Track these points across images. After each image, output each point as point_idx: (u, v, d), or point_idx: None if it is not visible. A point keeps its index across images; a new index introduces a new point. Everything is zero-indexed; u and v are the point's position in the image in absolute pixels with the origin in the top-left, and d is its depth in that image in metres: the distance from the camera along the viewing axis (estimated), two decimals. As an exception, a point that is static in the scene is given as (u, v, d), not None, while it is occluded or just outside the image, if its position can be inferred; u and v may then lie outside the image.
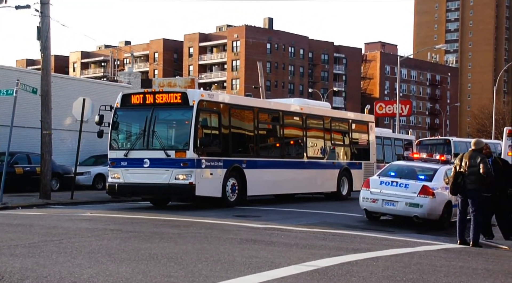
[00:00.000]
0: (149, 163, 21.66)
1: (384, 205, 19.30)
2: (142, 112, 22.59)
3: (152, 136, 22.06)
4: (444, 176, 19.08)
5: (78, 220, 18.78)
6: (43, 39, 25.97)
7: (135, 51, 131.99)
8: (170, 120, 23.09)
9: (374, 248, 13.52)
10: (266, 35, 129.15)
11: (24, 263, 10.33)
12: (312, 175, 28.40)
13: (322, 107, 32.56)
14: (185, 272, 9.64)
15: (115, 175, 22.39)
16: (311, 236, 15.82)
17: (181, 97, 21.88)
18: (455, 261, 12.81)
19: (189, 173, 21.21)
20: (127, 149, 22.41)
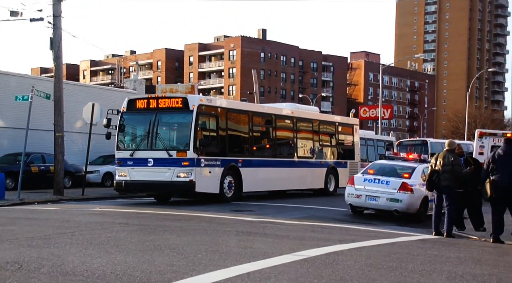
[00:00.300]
0: (153, 162, 21.63)
1: (367, 200, 19.38)
2: (146, 115, 22.45)
3: (155, 138, 22.05)
4: (421, 173, 19.15)
5: (88, 214, 18.80)
6: (56, 49, 25.97)
7: (139, 60, 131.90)
8: (172, 123, 22.94)
9: (358, 239, 13.58)
10: (260, 45, 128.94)
11: (40, 253, 10.39)
12: (302, 173, 28.39)
13: (311, 111, 32.52)
14: (186, 261, 9.71)
15: (121, 173, 22.33)
16: (301, 228, 15.88)
17: (182, 102, 21.90)
18: (431, 250, 12.89)
19: (189, 171, 21.17)
20: (132, 149, 22.34)
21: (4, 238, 12.39)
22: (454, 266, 10.58)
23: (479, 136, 30.32)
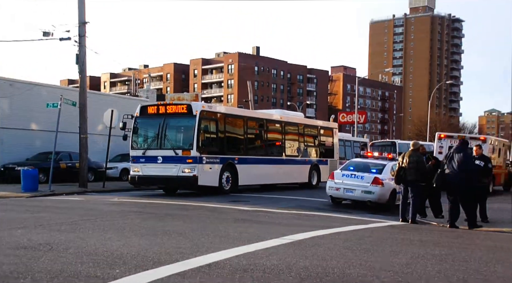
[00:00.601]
0: (162, 159, 21.69)
1: (345, 192, 19.33)
2: (156, 120, 22.44)
3: (164, 139, 22.14)
4: (390, 169, 19.18)
5: (108, 204, 18.77)
6: (80, 63, 25.94)
7: (151, 72, 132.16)
8: (178, 126, 22.69)
9: (337, 225, 13.58)
10: (254, 60, 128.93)
11: (67, 236, 10.38)
12: (289, 169, 28.29)
13: (297, 117, 32.51)
14: (191, 244, 9.71)
15: (135, 169, 22.41)
16: (289, 216, 15.87)
17: (186, 108, 21.86)
18: (398, 234, 12.90)
19: (193, 167, 21.20)
20: (144, 149, 22.36)
21: (38, 223, 12.38)
22: (417, 248, 10.60)
23: (438, 138, 30.40)
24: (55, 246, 9.18)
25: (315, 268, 7.94)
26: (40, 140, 31.03)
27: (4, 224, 12.23)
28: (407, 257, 9.38)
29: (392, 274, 7.75)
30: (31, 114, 31.27)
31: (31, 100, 30.89)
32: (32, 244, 9.36)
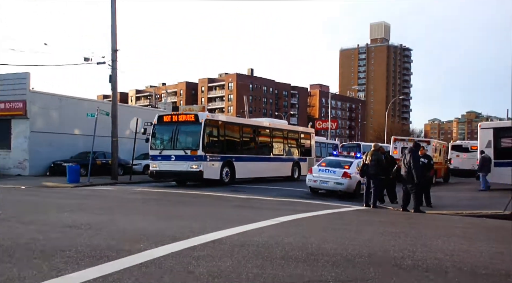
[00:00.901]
0: (174, 158, 21.72)
1: (321, 184, 19.33)
2: (170, 126, 22.44)
3: (176, 141, 22.14)
4: (356, 165, 19.19)
5: (134, 193, 18.72)
6: (113, 82, 25.91)
7: (168, 89, 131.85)
8: (187, 131, 22.50)
9: (315, 210, 13.58)
10: (249, 79, 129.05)
11: (102, 218, 10.35)
12: (276, 165, 28.18)
13: (282, 124, 32.38)
14: (200, 225, 9.68)
15: (153, 165, 22.47)
16: (277, 203, 15.82)
17: (194, 117, 21.96)
18: (362, 216, 12.93)
19: (199, 164, 21.29)
20: (161, 149, 22.31)
21: (80, 208, 12.34)
22: (377, 227, 10.61)
23: (393, 141, 30.42)
24: (93, 225, 9.15)
25: (297, 243, 7.93)
26: (81, 143, 30.99)
27: (54, 208, 12.19)
28: (369, 234, 9.38)
29: (358, 248, 7.75)
30: (75, 122, 31.22)
31: (75, 111, 30.87)
32: (75, 223, 9.33)
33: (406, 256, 7.23)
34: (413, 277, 5.97)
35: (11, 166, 29.64)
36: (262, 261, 6.48)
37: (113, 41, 25.75)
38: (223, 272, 5.86)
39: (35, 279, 5.38)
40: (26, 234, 8.07)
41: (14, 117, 29.57)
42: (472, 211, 14.38)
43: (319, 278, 5.76)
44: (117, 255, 6.58)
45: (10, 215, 10.47)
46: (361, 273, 6.07)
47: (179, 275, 5.68)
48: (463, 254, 7.67)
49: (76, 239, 7.70)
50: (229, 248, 7.32)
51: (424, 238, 9.27)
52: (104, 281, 5.36)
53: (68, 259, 6.32)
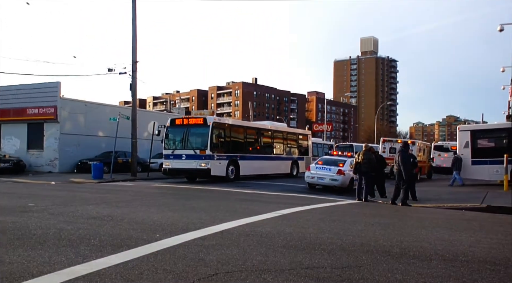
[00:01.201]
0: (185, 156, 21.54)
1: (318, 180, 19.22)
2: (181, 128, 22.25)
3: (187, 142, 21.91)
4: (350, 163, 19.10)
5: (151, 188, 18.70)
6: (133, 90, 25.94)
7: (181, 96, 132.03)
8: (197, 133, 22.12)
9: (313, 203, 13.51)
10: (253, 87, 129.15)
11: (123, 210, 10.30)
12: (276, 163, 27.82)
13: (282, 126, 31.93)
14: (210, 217, 9.63)
15: (166, 163, 22.23)
16: (279, 197, 15.77)
17: (203, 120, 21.92)
18: (355, 209, 12.84)
19: (207, 162, 21.10)
20: (173, 149, 22.14)
21: (103, 201, 12.31)
22: (369, 218, 10.53)
23: (382, 142, 30.32)
24: (115, 217, 9.11)
25: (297, 234, 7.87)
26: (104, 143, 31.06)
27: (80, 201, 12.16)
28: (362, 225, 9.31)
29: (351, 237, 7.68)
30: (98, 125, 31.26)
31: (99, 115, 30.91)
32: (99, 215, 9.30)
33: (394, 245, 7.15)
34: (401, 264, 5.90)
35: (43, 164, 29.73)
36: (265, 250, 6.42)
37: (134, 54, 25.78)
38: (230, 259, 5.81)
39: (63, 264, 5.35)
40: (55, 224, 8.04)
41: (46, 121, 29.69)
42: (452, 204, 14.27)
43: (316, 265, 5.70)
44: (136, 243, 6.54)
45: (41, 208, 10.45)
46: (355, 260, 6.00)
47: (191, 262, 5.63)
48: (445, 243, 7.60)
49: (100, 229, 7.67)
50: (236, 237, 7.27)
51: (410, 228, 9.19)
52: (124, 267, 5.32)
53: (93, 247, 6.29)
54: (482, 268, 5.90)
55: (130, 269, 5.21)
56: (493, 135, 22.19)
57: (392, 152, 28.86)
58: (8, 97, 30.96)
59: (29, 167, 29.30)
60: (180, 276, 5.02)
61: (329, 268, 5.55)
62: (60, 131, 29.47)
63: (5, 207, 10.50)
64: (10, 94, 30.93)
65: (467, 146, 22.08)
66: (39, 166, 29.73)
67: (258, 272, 5.27)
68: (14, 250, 6.01)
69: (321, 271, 5.41)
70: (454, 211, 13.06)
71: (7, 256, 5.68)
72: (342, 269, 5.51)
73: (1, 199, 12.41)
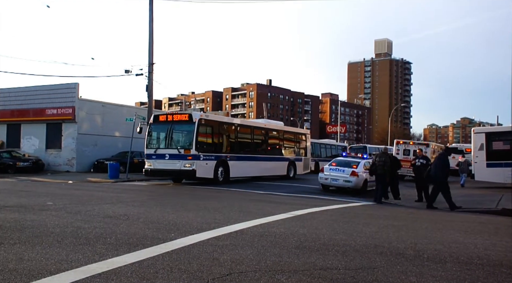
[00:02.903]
0: (168, 156, 19.54)
1: (331, 181, 19.07)
2: (165, 125, 20.07)
3: (170, 140, 19.91)
4: (363, 165, 18.97)
5: (165, 188, 18.79)
6: (149, 91, 26.11)
7: (196, 97, 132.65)
8: (181, 131, 20.16)
9: (326, 204, 13.45)
10: (267, 88, 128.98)
11: (139, 210, 10.34)
12: (271, 165, 25.45)
13: (278, 125, 28.91)
14: (224, 217, 9.62)
15: (148, 164, 20.09)
16: (291, 198, 15.72)
17: (188, 116, 19.74)
18: (369, 211, 12.72)
19: (192, 163, 19.13)
20: (156, 148, 20.05)
21: (119, 200, 12.39)
22: (382, 220, 10.44)
23: (396, 144, 30.08)
24: (130, 216, 9.16)
25: (311, 235, 7.83)
26: (121, 143, 31.29)
27: (97, 200, 12.26)
28: (375, 227, 9.23)
29: (365, 239, 7.61)
30: (115, 126, 31.55)
31: (116, 116, 31.21)
32: (115, 214, 9.36)
33: (408, 247, 7.07)
34: (415, 266, 5.83)
35: (61, 163, 30.10)
36: (279, 250, 6.39)
37: (150, 56, 25.99)
38: (244, 259, 5.80)
39: (80, 262, 5.39)
40: (73, 223, 8.12)
41: (65, 121, 30.07)
42: (467, 207, 14.08)
43: (330, 266, 5.66)
44: (151, 243, 6.57)
45: (59, 206, 10.56)
46: (368, 262, 5.94)
47: (205, 261, 5.63)
48: (459, 245, 7.49)
49: (116, 228, 7.71)
50: (250, 238, 7.25)
51: (424, 230, 9.09)
52: (139, 265, 5.33)
53: (109, 245, 6.33)
54: (498, 271, 5.80)
55: (146, 268, 5.23)
56: (509, 137, 21.86)
57: (406, 153, 28.63)
58: (28, 98, 31.46)
59: (47, 166, 29.69)
60: (194, 275, 5.02)
61: (342, 269, 5.51)
62: (77, 132, 29.80)
63: (24, 205, 10.64)
64: (30, 95, 31.44)
65: (482, 148, 21.79)
66: (57, 165, 30.10)
67: (272, 272, 5.25)
68: (33, 248, 6.08)
69: (334, 272, 5.36)
70: (468, 214, 12.88)
71: (26, 253, 5.75)
72: (355, 271, 5.46)
73: (21, 197, 12.58)
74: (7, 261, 5.38)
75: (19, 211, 9.59)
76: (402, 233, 8.53)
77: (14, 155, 28.68)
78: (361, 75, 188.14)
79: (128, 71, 26.31)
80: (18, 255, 5.65)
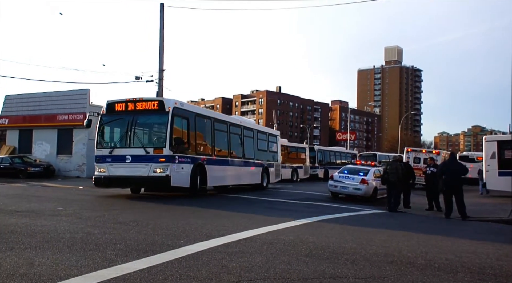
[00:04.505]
0: (130, 159, 14.52)
1: (341, 189, 18.97)
2: (125, 117, 15.07)
3: (133, 137, 14.88)
4: (373, 173, 18.86)
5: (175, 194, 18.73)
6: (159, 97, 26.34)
7: (206, 104, 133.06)
8: (149, 124, 15.55)
9: (335, 212, 13.37)
10: (277, 95, 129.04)
11: (148, 216, 10.32)
12: (248, 171, 21.07)
13: (251, 123, 24.06)
14: (233, 224, 9.59)
15: (101, 169, 15.21)
16: (300, 205, 15.62)
17: (158, 104, 14.75)
18: (379, 219, 12.63)
19: (166, 167, 14.23)
20: (111, 148, 15.18)
21: (129, 207, 12.42)
22: (392, 229, 10.35)
23: (406, 151, 29.90)
24: (140, 222, 9.18)
25: (320, 242, 7.78)
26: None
27: (107, 206, 12.30)
28: (385, 235, 9.16)
29: (375, 247, 7.55)
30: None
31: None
32: (124, 220, 9.38)
33: (419, 256, 7.00)
34: (426, 276, 5.76)
35: (72, 169, 30.31)
36: (288, 258, 6.36)
37: (160, 63, 26.13)
38: (254, 267, 5.77)
39: (90, 268, 5.40)
40: (83, 229, 8.15)
41: (76, 127, 30.29)
42: (479, 216, 13.92)
43: (340, 274, 5.62)
44: (161, 249, 6.57)
45: (70, 212, 10.62)
46: (378, 271, 5.89)
47: (214, 268, 5.62)
48: (471, 255, 7.40)
49: (125, 234, 7.73)
50: (259, 245, 7.22)
51: (435, 240, 9.00)
52: (149, 272, 5.34)
53: (119, 251, 6.34)
54: (511, 282, 5.72)
55: (155, 274, 5.23)
56: (521, 146, 21.70)
57: (417, 161, 28.44)
58: (39, 104, 31.80)
59: (58, 171, 29.91)
60: (203, 282, 5.01)
61: (352, 278, 5.46)
62: (88, 137, 29.98)
63: (35, 210, 10.71)
64: (41, 101, 31.79)
65: (494, 156, 21.62)
66: (68, 170, 30.30)
67: (281, 280, 5.22)
68: (43, 253, 6.11)
69: (344, 281, 5.32)
70: (480, 223, 12.74)
71: (37, 259, 5.78)
72: (365, 280, 5.41)
73: (31, 202, 12.68)
74: (17, 266, 5.41)
75: (30, 216, 9.66)
76: (413, 242, 8.45)
77: (26, 160, 28.95)
78: (371, 83, 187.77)
79: (139, 77, 26.51)
80: (28, 260, 5.68)
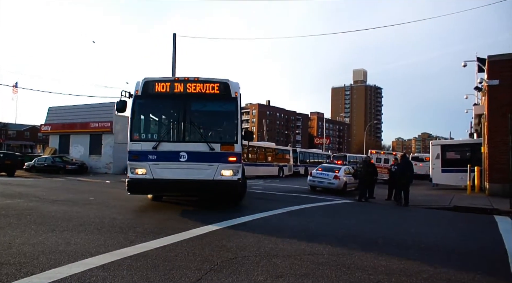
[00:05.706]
0: (186, 157, 8.67)
1: (318, 183, 18.79)
2: (174, 101, 9.12)
3: (189, 128, 9.03)
4: (344, 170, 18.82)
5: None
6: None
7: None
8: (210, 112, 9.66)
9: (315, 202, 13.31)
10: (267, 108, 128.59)
11: (164, 205, 10.21)
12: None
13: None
14: (230, 212, 9.56)
15: (140, 171, 8.74)
16: (287, 196, 15.54)
17: (222, 87, 9.03)
18: (349, 207, 12.58)
19: (237, 169, 8.92)
20: (156, 141, 8.86)
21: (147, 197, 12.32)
22: (359, 215, 10.36)
23: (370, 153, 29.95)
24: (157, 210, 9.10)
25: (301, 226, 7.78)
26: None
27: (129, 197, 12.07)
28: (354, 220, 9.18)
29: (345, 231, 7.56)
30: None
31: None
32: (144, 208, 9.29)
33: (379, 237, 7.02)
34: (385, 251, 5.79)
35: (101, 166, 30.12)
36: (275, 239, 6.35)
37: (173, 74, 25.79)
38: (247, 246, 5.77)
39: (115, 246, 5.38)
40: (110, 215, 8.09)
41: (104, 133, 30.15)
42: (427, 205, 14.00)
43: (317, 252, 5.63)
44: (172, 231, 6.54)
45: (99, 201, 10.54)
46: (348, 249, 5.90)
47: (215, 247, 5.61)
48: (421, 235, 7.44)
49: (143, 219, 7.68)
50: (251, 229, 7.21)
51: (393, 224, 9.03)
52: (162, 249, 5.33)
53: (138, 233, 6.31)
54: (451, 255, 5.77)
55: (167, 252, 5.22)
56: (459, 149, 22.19)
57: (378, 161, 28.51)
58: (75, 114, 31.66)
59: (90, 168, 29.72)
60: (206, 258, 5.00)
61: (327, 255, 5.48)
62: (114, 141, 29.84)
63: (72, 200, 10.62)
64: (77, 112, 31.66)
65: (438, 157, 21.98)
66: (98, 168, 30.12)
67: (269, 257, 5.22)
68: (78, 234, 6.08)
69: (320, 257, 5.33)
70: (429, 210, 12.80)
71: (73, 239, 5.75)
72: (337, 256, 5.43)
73: (69, 193, 12.56)
74: (57, 244, 5.41)
75: (67, 204, 9.58)
76: (376, 225, 8.49)
77: (64, 159, 28.76)
78: (342, 98, 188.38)
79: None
80: (66, 240, 5.66)
